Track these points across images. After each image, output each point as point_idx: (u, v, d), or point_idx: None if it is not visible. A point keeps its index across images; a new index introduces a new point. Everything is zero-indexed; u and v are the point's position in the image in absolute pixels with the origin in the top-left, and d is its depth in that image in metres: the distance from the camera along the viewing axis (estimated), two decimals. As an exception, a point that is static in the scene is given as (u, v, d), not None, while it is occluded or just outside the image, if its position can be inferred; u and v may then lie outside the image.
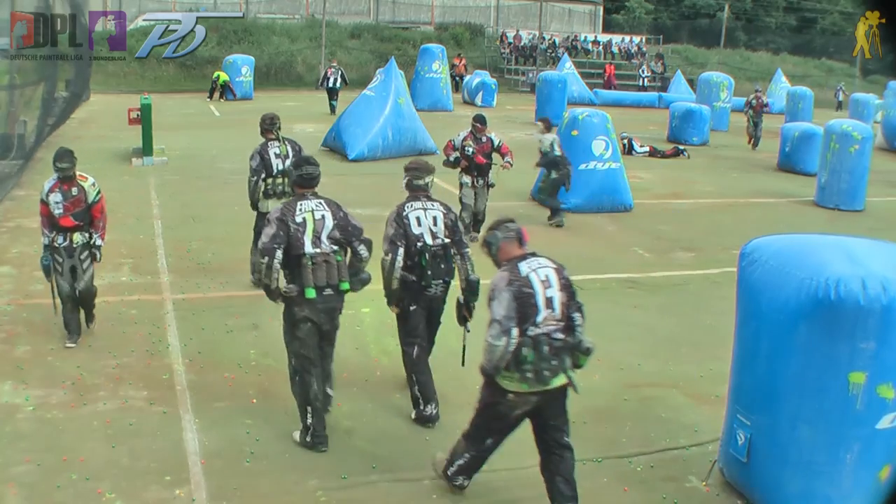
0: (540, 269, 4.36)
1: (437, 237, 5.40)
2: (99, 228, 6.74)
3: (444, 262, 5.46)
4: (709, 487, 4.91)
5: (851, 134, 13.64)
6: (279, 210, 5.16)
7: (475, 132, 9.97)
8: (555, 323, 4.27)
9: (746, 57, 42.12)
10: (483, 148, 9.97)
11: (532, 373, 4.20)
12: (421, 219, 5.40)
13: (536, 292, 4.24)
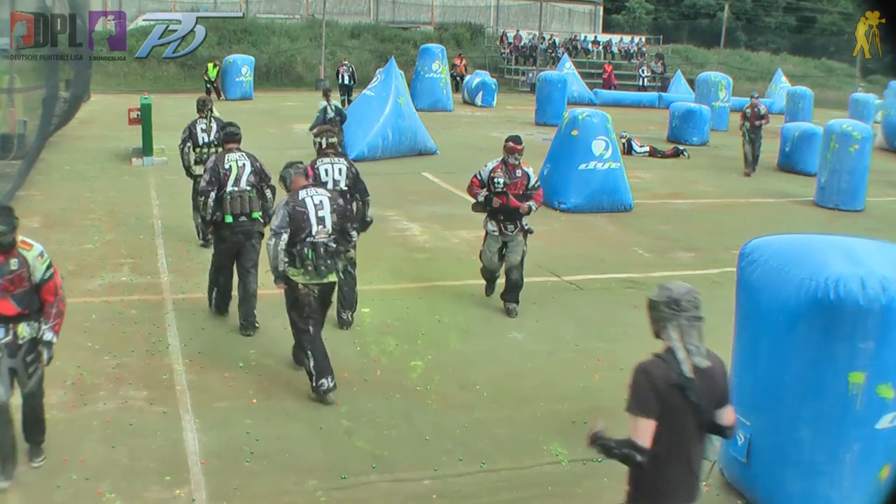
0: (315, 196, 5.82)
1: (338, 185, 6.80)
2: (51, 317, 4.75)
3: None
4: (709, 487, 4.90)
5: (851, 134, 13.64)
6: (213, 160, 7.04)
7: (508, 158, 7.36)
8: (326, 235, 5.76)
9: (746, 57, 42.11)
10: (517, 185, 7.36)
11: (312, 267, 5.71)
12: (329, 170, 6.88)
13: (309, 211, 5.71)
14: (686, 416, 3.25)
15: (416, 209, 11.84)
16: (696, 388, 3.23)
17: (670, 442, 3.23)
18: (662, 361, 3.30)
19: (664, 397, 3.21)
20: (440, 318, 7.39)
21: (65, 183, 12.65)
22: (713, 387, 3.31)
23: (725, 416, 3.36)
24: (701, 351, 3.33)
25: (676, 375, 3.24)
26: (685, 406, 3.22)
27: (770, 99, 32.24)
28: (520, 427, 5.52)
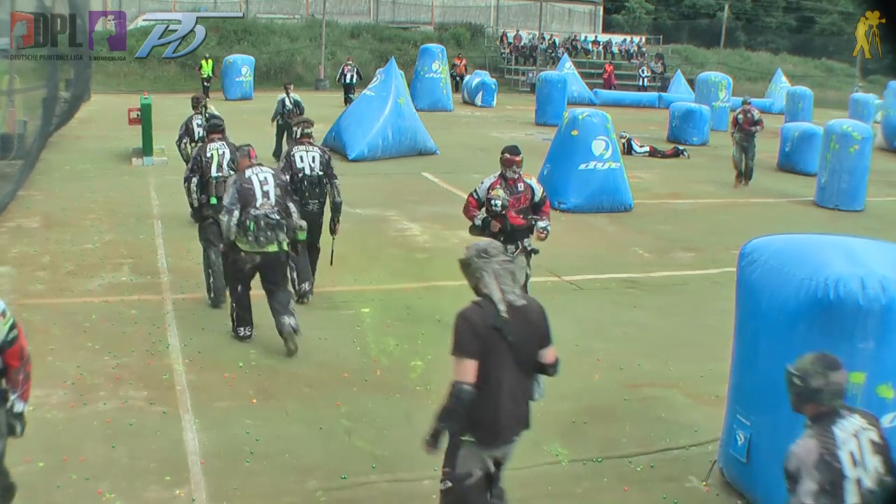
0: (260, 174, 6.58)
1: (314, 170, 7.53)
2: (18, 384, 3.97)
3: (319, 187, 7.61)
4: (709, 487, 4.91)
5: (851, 134, 13.64)
6: (196, 150, 7.90)
7: (506, 172, 6.58)
8: (269, 208, 6.43)
9: (746, 57, 42.12)
10: (519, 201, 6.60)
11: (253, 237, 6.39)
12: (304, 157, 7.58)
13: (255, 187, 6.46)
14: (506, 354, 3.56)
15: (416, 209, 11.84)
16: (511, 328, 3.55)
17: (494, 380, 3.55)
18: (479, 307, 3.61)
19: (483, 338, 3.52)
20: (440, 318, 7.37)
21: (65, 183, 12.65)
22: (530, 326, 3.62)
23: (547, 356, 3.71)
24: (515, 291, 3.64)
25: (493, 318, 3.54)
26: (504, 345, 3.54)
27: (770, 99, 32.28)
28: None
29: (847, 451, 3.07)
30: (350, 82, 24.46)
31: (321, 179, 7.58)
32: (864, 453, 3.09)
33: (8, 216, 10.38)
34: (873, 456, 3.10)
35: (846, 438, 3.09)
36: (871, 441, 3.11)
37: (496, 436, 3.66)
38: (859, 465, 3.07)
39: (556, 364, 3.77)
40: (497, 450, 3.72)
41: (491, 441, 3.67)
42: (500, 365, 3.56)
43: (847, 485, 3.04)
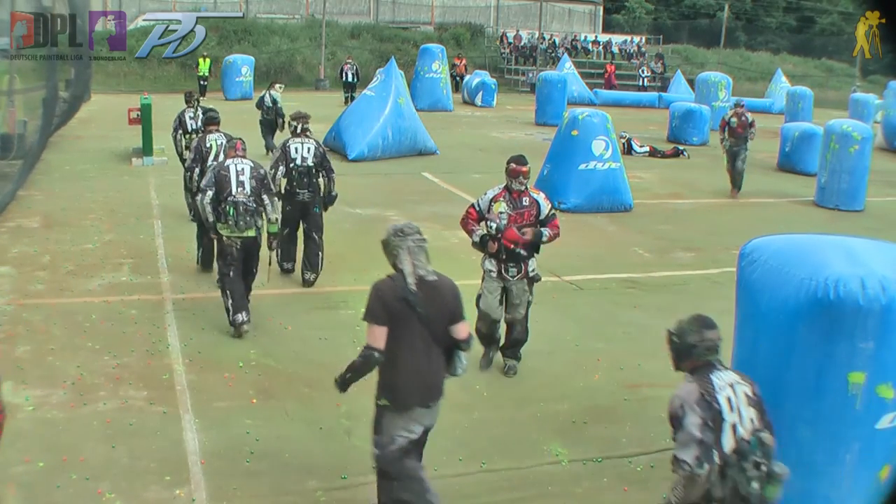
0: (238, 164, 6.97)
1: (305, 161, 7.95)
2: None
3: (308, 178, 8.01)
4: (709, 487, 4.91)
5: (851, 134, 13.64)
6: (196, 141, 8.70)
7: (511, 183, 6.08)
8: (245, 196, 6.85)
9: (746, 57, 42.12)
10: (522, 217, 6.06)
11: (234, 222, 6.78)
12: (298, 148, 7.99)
13: (231, 175, 6.88)
14: (415, 324, 3.89)
15: (416, 209, 11.84)
16: (420, 301, 3.89)
17: (404, 347, 3.89)
18: (392, 280, 3.98)
19: (392, 308, 3.88)
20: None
21: (65, 183, 12.65)
22: (440, 300, 3.97)
23: (458, 331, 4.05)
24: (427, 268, 4.00)
25: (402, 290, 3.89)
26: (413, 316, 3.89)
27: (770, 99, 32.28)
28: (520, 427, 5.52)
29: (724, 395, 3.41)
30: (350, 81, 25.07)
31: (311, 171, 7.99)
32: (740, 402, 3.43)
33: (8, 216, 10.38)
34: (748, 407, 3.44)
35: (723, 386, 3.45)
36: (746, 394, 3.47)
37: (407, 399, 3.97)
38: (735, 411, 3.40)
39: (469, 340, 4.11)
40: (413, 414, 4.01)
41: (402, 404, 3.98)
42: (410, 334, 3.90)
43: (725, 427, 3.33)
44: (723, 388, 3.43)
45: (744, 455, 3.32)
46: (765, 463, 3.36)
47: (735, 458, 3.31)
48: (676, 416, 3.41)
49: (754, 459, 3.34)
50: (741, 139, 13.85)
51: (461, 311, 4.06)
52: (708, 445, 3.28)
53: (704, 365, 3.52)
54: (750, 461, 3.33)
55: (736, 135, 13.82)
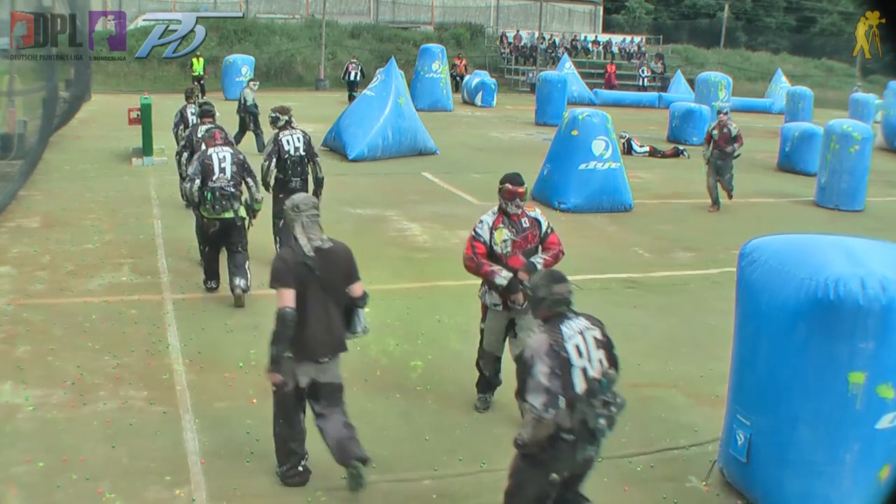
0: (220, 152, 7.62)
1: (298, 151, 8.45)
2: None
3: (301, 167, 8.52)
4: (709, 487, 4.91)
5: (851, 134, 13.64)
6: (189, 131, 9.58)
7: (507, 206, 5.49)
8: (225, 181, 7.52)
9: (746, 57, 42.10)
10: (526, 240, 5.51)
11: (211, 206, 7.47)
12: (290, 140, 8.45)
13: (214, 163, 7.53)
14: (315, 285, 4.41)
15: (416, 209, 11.84)
16: (317, 265, 4.42)
17: (308, 307, 4.38)
18: (291, 249, 4.51)
19: (295, 272, 4.38)
20: (440, 318, 7.38)
21: (65, 183, 12.65)
22: (335, 264, 4.53)
23: (354, 290, 4.65)
24: (322, 238, 4.52)
25: (301, 256, 4.42)
26: (312, 278, 4.40)
27: (770, 99, 32.29)
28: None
29: (573, 344, 3.71)
30: (354, 80, 25.27)
31: (303, 160, 8.50)
32: (589, 348, 3.76)
33: (8, 216, 10.38)
34: (597, 350, 3.79)
35: (572, 335, 3.74)
36: (595, 338, 3.81)
37: (309, 352, 4.47)
38: (584, 356, 3.72)
39: (365, 297, 4.73)
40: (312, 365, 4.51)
41: (304, 356, 4.47)
42: (311, 294, 4.41)
43: (574, 372, 3.66)
44: (572, 337, 3.72)
45: (594, 394, 3.66)
46: (614, 403, 3.70)
47: (585, 397, 3.65)
48: (528, 365, 3.67)
49: (603, 398, 3.67)
50: (725, 153, 12.61)
51: (356, 272, 4.66)
52: (554, 393, 3.59)
53: (556, 315, 3.82)
54: (599, 399, 3.66)
55: (719, 147, 12.59)
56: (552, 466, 3.69)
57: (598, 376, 3.71)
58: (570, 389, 3.64)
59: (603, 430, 3.68)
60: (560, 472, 3.73)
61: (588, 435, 3.67)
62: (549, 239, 5.57)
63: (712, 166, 12.72)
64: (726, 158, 12.63)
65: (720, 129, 12.70)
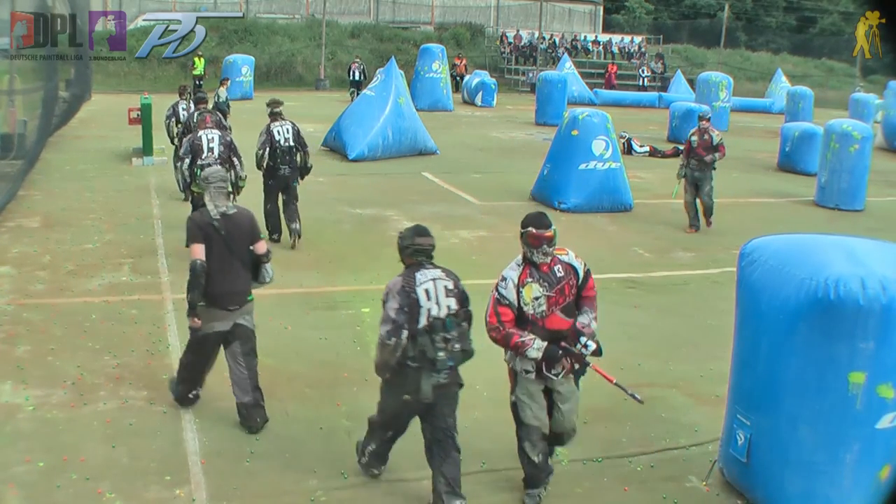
0: (209, 133, 8.76)
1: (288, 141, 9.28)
2: None
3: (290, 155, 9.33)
4: (709, 487, 4.91)
5: (851, 134, 13.64)
6: (187, 117, 10.83)
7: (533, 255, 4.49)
8: (213, 159, 8.50)
9: (746, 57, 42.10)
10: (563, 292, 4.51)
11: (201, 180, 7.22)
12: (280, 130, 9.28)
13: (203, 143, 8.66)
14: (221, 244, 5.18)
15: (416, 209, 11.84)
16: (222, 226, 5.19)
17: (216, 262, 5.15)
18: (200, 213, 5.35)
19: (203, 231, 5.18)
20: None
21: (65, 183, 12.65)
22: (240, 226, 5.29)
23: (258, 248, 5.38)
24: (227, 205, 5.30)
25: (208, 218, 5.22)
26: (219, 237, 5.17)
27: (770, 99, 32.28)
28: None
29: (423, 288, 4.33)
30: (357, 79, 26.04)
31: (292, 149, 9.31)
32: (439, 294, 4.35)
33: (8, 216, 10.38)
34: (446, 297, 4.36)
35: (424, 281, 4.34)
36: (446, 287, 4.39)
37: (216, 300, 5.19)
38: (432, 299, 4.32)
39: (268, 254, 5.43)
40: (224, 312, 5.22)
41: (213, 303, 5.19)
42: (218, 251, 5.18)
43: (421, 310, 4.30)
44: (423, 283, 4.33)
45: (435, 330, 4.30)
46: (455, 339, 4.34)
47: (426, 332, 4.29)
48: (384, 300, 4.36)
49: (443, 335, 4.32)
50: (704, 164, 11.04)
51: (258, 233, 5.44)
52: (399, 324, 4.26)
53: (415, 263, 4.41)
54: (439, 336, 4.31)
55: (697, 156, 11.03)
56: (404, 388, 4.36)
57: (442, 317, 4.32)
58: (414, 324, 4.28)
59: (443, 361, 4.31)
60: (411, 393, 4.36)
61: (429, 364, 4.31)
62: (588, 285, 4.63)
63: (689, 179, 11.17)
64: (705, 169, 11.03)
65: (700, 136, 11.12)
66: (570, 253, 4.67)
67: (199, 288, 5.11)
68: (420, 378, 4.31)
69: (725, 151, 11.26)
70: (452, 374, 4.41)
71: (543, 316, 4.46)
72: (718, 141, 11.13)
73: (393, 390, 4.45)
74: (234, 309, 5.24)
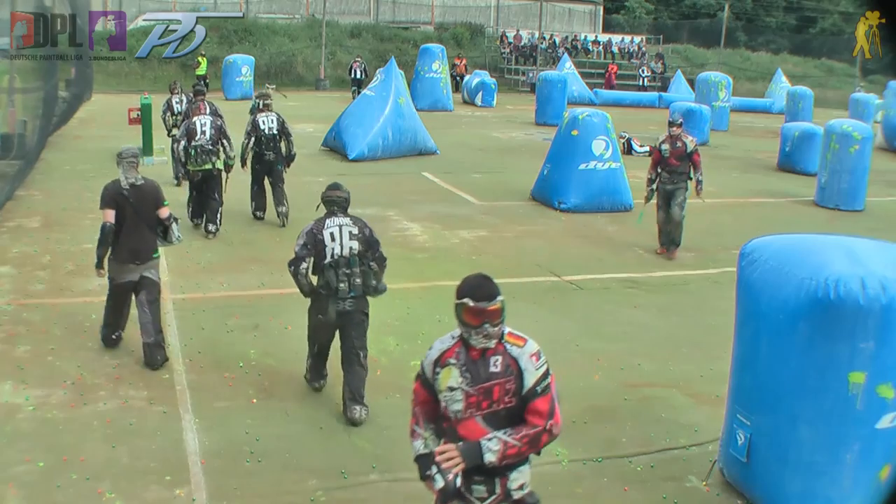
0: (202, 119, 9.96)
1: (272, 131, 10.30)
2: None
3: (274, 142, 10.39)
4: (709, 487, 4.91)
5: (851, 134, 13.63)
6: (187, 105, 12.09)
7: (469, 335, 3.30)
8: (205, 141, 9.72)
9: (746, 57, 42.11)
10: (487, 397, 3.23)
11: (194, 159, 9.74)
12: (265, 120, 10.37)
13: (197, 128, 9.78)
14: (129, 209, 6.10)
15: (416, 209, 11.84)
16: (130, 195, 6.11)
17: (125, 224, 6.09)
18: (113, 183, 6.18)
19: (114, 199, 6.11)
20: (440, 318, 7.35)
21: (65, 183, 12.65)
22: (146, 196, 6.21)
23: (162, 213, 6.26)
24: (136, 177, 6.17)
25: (119, 188, 6.12)
26: (127, 204, 6.10)
27: (770, 99, 32.28)
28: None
29: (329, 232, 5.42)
30: (359, 77, 26.70)
31: (276, 137, 10.35)
32: (343, 237, 5.43)
33: (8, 216, 10.38)
34: (350, 240, 5.43)
35: (332, 226, 5.45)
36: (350, 232, 5.45)
37: (126, 256, 6.14)
38: (336, 241, 5.41)
39: (170, 217, 6.30)
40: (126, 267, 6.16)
41: (125, 260, 6.15)
42: (127, 217, 6.10)
43: (326, 249, 5.40)
44: (330, 227, 5.43)
45: (338, 265, 5.39)
46: (356, 275, 5.42)
47: (331, 266, 5.39)
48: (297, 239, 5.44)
49: (344, 270, 5.40)
50: (677, 174, 9.64)
51: (161, 201, 6.27)
52: (299, 258, 5.41)
53: (329, 212, 5.51)
54: (341, 270, 5.40)
55: (669, 167, 9.64)
56: (318, 310, 5.52)
57: (346, 255, 5.40)
58: (321, 260, 5.41)
59: (343, 291, 5.41)
60: (323, 314, 5.48)
61: (334, 292, 5.42)
62: (532, 405, 3.20)
63: (661, 193, 9.72)
64: (678, 180, 9.61)
65: (672, 143, 9.57)
66: (527, 345, 3.26)
67: (106, 245, 6.08)
68: (328, 303, 5.45)
69: (701, 166, 9.79)
70: (356, 303, 5.48)
71: (458, 417, 3.27)
72: (693, 149, 9.63)
73: (311, 312, 5.62)
74: (140, 263, 6.16)
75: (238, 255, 9.10)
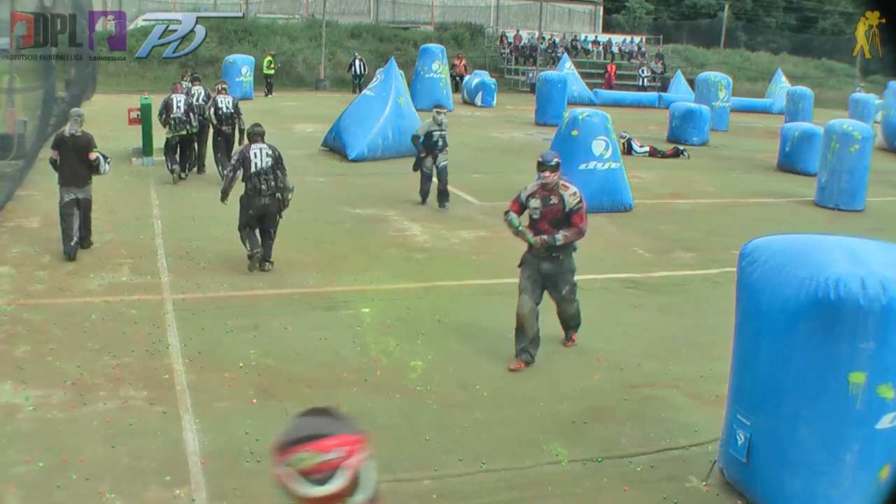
0: (177, 98, 12.77)
1: None
2: None
3: None
4: (709, 487, 4.91)
5: (851, 134, 13.63)
6: (187, 86, 14.15)
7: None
8: (180, 113, 12.62)
9: (746, 57, 42.10)
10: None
11: (172, 128, 12.69)
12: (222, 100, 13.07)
13: (173, 103, 12.71)
14: (68, 151, 8.61)
15: (416, 209, 11.84)
16: (69, 141, 8.61)
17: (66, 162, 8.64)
18: (61, 131, 8.43)
19: (59, 143, 8.68)
20: (440, 318, 7.38)
21: (65, 183, 12.64)
22: (80, 143, 8.65)
23: (90, 156, 8.72)
24: (77, 130, 8.66)
25: (62, 136, 8.61)
26: (67, 146, 8.61)
27: (770, 99, 32.28)
28: (520, 427, 5.52)
29: (253, 152, 8.23)
30: (360, 73, 28.42)
31: (231, 116, 12.85)
32: (262, 156, 8.26)
33: (8, 216, 10.38)
34: (265, 158, 8.26)
35: (255, 150, 8.28)
36: (266, 153, 8.28)
37: (68, 182, 8.61)
38: (257, 158, 8.23)
39: (98, 158, 8.73)
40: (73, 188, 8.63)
41: (66, 184, 8.61)
42: (67, 156, 8.64)
43: (251, 164, 8.19)
44: (254, 149, 8.26)
45: (258, 175, 8.21)
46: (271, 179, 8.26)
47: (255, 175, 8.19)
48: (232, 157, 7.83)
49: (264, 178, 8.22)
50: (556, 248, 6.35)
51: (91, 147, 8.73)
52: (234, 167, 8.36)
53: (252, 140, 8.32)
54: (261, 179, 8.21)
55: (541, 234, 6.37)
56: (247, 206, 8.32)
57: (264, 168, 8.21)
58: (248, 171, 8.19)
59: (264, 190, 8.24)
60: (252, 209, 8.30)
61: (257, 193, 8.25)
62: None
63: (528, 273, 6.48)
64: (556, 259, 6.41)
65: (543, 199, 6.36)
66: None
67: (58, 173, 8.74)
68: (255, 199, 8.28)
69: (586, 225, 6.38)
70: (272, 200, 8.32)
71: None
72: (575, 205, 6.30)
73: (243, 207, 8.36)
74: (78, 188, 8.66)
75: (238, 254, 9.09)
